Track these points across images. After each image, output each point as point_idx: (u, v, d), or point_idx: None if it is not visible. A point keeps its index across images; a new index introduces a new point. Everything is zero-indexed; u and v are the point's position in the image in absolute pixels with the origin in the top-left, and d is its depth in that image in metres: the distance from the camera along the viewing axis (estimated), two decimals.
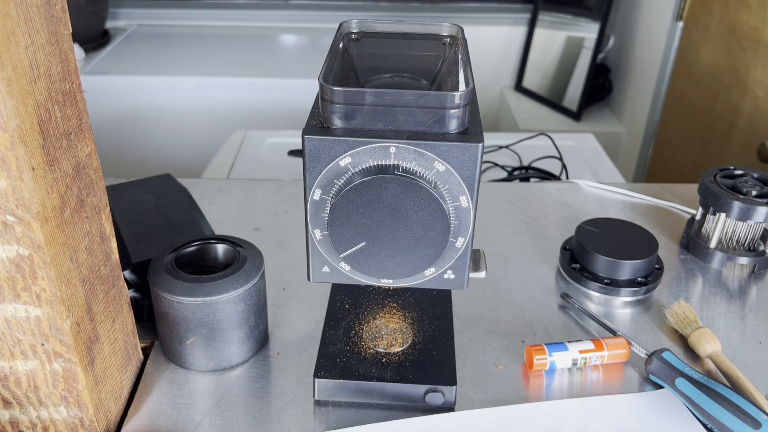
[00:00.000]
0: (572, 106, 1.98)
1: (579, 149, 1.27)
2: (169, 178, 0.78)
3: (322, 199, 0.44)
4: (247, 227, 0.82)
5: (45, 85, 0.40)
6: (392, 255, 0.44)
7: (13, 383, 0.48)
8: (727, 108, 1.49)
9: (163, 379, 0.58)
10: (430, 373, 0.55)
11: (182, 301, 0.54)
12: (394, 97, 0.41)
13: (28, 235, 0.41)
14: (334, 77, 0.46)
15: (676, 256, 0.78)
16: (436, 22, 0.52)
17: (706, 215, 0.76)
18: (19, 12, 0.37)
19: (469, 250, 0.46)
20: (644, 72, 1.84)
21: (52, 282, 0.43)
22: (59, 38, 0.42)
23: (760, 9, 1.37)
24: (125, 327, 0.55)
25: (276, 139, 1.29)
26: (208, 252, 0.61)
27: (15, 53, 0.37)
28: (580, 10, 2.00)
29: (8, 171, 0.38)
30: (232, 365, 0.59)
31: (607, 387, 0.59)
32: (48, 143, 0.41)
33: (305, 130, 0.42)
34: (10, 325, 0.45)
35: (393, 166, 0.42)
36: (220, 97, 1.74)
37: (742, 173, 0.77)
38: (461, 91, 0.41)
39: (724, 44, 1.49)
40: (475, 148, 0.42)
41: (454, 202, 0.44)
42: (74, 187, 0.45)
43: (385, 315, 0.61)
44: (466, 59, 0.47)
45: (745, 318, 0.68)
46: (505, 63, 2.19)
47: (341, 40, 0.51)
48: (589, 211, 0.87)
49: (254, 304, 0.58)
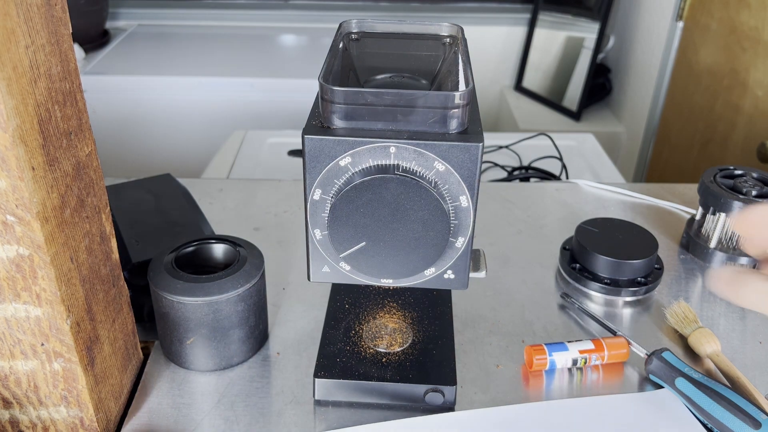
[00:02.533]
0: (572, 106, 1.98)
1: (579, 149, 1.27)
2: (169, 178, 0.78)
3: (322, 199, 0.44)
4: (247, 227, 0.82)
5: (45, 85, 0.40)
6: (392, 255, 0.44)
7: (13, 383, 0.48)
8: (727, 108, 1.49)
9: (163, 378, 0.58)
10: (430, 372, 0.55)
11: (182, 301, 0.54)
12: (394, 97, 0.41)
13: (28, 235, 0.41)
14: (334, 77, 0.46)
15: (676, 256, 0.78)
16: (436, 22, 0.52)
17: (706, 215, 0.76)
18: (19, 12, 0.37)
19: (469, 250, 0.46)
20: (644, 72, 1.84)
21: (52, 282, 0.43)
22: (59, 38, 0.42)
23: (760, 9, 1.37)
24: (125, 327, 0.55)
25: (276, 139, 1.29)
26: (208, 252, 0.61)
27: (15, 53, 0.37)
28: (580, 10, 2.00)
29: (8, 171, 0.38)
30: (232, 365, 0.60)
31: (607, 387, 0.59)
32: (48, 143, 0.41)
33: (305, 129, 0.42)
34: (10, 324, 0.45)
35: (393, 165, 0.42)
36: (220, 97, 1.74)
37: (742, 173, 0.77)
38: (461, 90, 0.41)
39: (724, 44, 1.49)
40: (475, 148, 0.42)
41: (454, 202, 0.44)
42: (74, 186, 0.45)
43: (385, 315, 0.61)
44: (466, 59, 0.47)
45: (744, 318, 0.68)
46: (505, 63, 2.19)
47: (341, 39, 0.51)
48: (589, 211, 0.87)
49: (254, 304, 0.58)
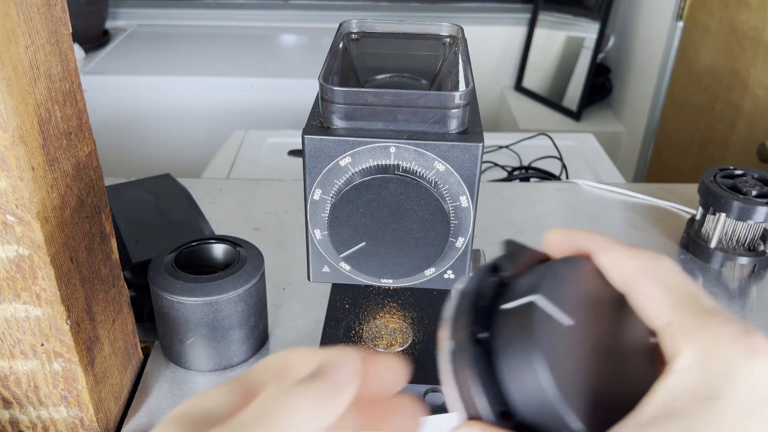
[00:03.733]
0: (572, 106, 1.98)
1: (579, 149, 1.27)
2: (169, 178, 0.78)
3: (322, 199, 0.44)
4: (247, 227, 0.82)
5: (45, 85, 0.40)
6: (392, 255, 0.44)
7: (13, 383, 0.48)
8: (727, 108, 1.49)
9: (163, 379, 0.58)
10: (430, 372, 0.55)
11: (182, 301, 0.54)
12: (394, 97, 0.41)
13: (28, 235, 0.41)
14: (334, 77, 0.46)
15: (676, 256, 0.78)
16: (436, 22, 0.52)
17: (706, 215, 0.76)
18: (19, 12, 0.37)
19: (470, 250, 0.46)
20: (644, 72, 1.84)
21: (52, 282, 0.43)
22: (59, 38, 0.42)
23: (760, 9, 1.37)
24: (125, 327, 0.55)
25: (276, 139, 1.29)
26: (208, 252, 0.61)
27: (15, 53, 0.37)
28: (580, 10, 1.99)
29: (8, 171, 0.38)
30: (233, 365, 0.59)
31: None
32: (48, 143, 0.41)
33: (305, 129, 0.42)
34: (10, 324, 0.45)
35: (393, 165, 0.42)
36: (220, 97, 1.74)
37: (742, 173, 0.77)
38: (461, 90, 0.41)
39: (724, 44, 1.49)
40: (476, 148, 0.42)
41: (454, 202, 0.44)
42: (74, 186, 0.45)
43: (385, 315, 0.61)
44: (466, 59, 0.47)
45: (745, 318, 0.68)
46: (505, 63, 2.19)
47: (341, 40, 0.51)
48: (589, 211, 0.87)
49: (254, 304, 0.58)
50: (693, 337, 0.23)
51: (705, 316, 0.23)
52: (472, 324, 0.25)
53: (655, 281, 0.25)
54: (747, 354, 0.22)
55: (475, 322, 0.25)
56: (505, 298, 0.25)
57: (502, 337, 0.24)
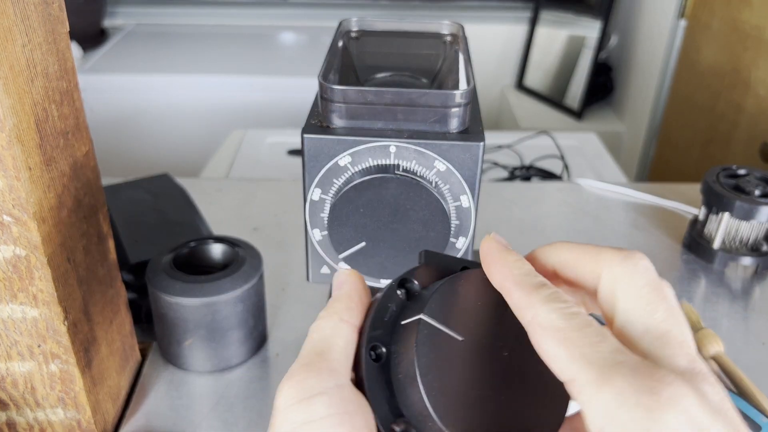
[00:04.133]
0: (574, 105, 1.98)
1: (581, 148, 1.27)
2: (167, 177, 0.78)
3: (321, 199, 0.44)
4: (246, 227, 0.81)
5: (42, 84, 0.40)
6: (392, 255, 0.44)
7: (9, 385, 0.48)
8: (729, 107, 1.48)
9: (161, 380, 0.58)
10: None
11: (180, 302, 0.54)
12: (395, 96, 0.41)
13: (24, 235, 0.40)
14: (334, 76, 0.46)
15: (679, 257, 0.77)
16: (437, 21, 0.52)
17: (708, 215, 0.76)
18: (16, 10, 0.37)
19: (471, 251, 0.46)
20: (646, 71, 1.83)
21: (49, 282, 0.42)
22: (57, 37, 0.42)
23: (763, 8, 1.36)
24: (123, 328, 0.55)
25: (275, 138, 1.29)
26: (207, 252, 0.61)
27: (12, 52, 0.36)
28: (581, 9, 1.99)
29: (5, 170, 0.38)
30: (231, 366, 0.59)
31: None
32: (45, 142, 0.41)
33: (305, 129, 0.42)
34: (7, 326, 0.45)
35: (393, 165, 0.42)
36: (218, 96, 1.74)
37: (745, 173, 0.76)
38: (462, 89, 0.41)
39: (726, 43, 1.49)
40: (477, 148, 0.41)
41: (455, 202, 0.43)
42: (71, 186, 0.45)
43: None
44: (466, 58, 0.47)
45: (748, 319, 0.67)
46: (507, 61, 2.19)
47: (341, 38, 0.51)
48: (590, 211, 0.87)
49: (253, 305, 0.58)
50: (596, 394, 0.21)
51: (605, 369, 0.21)
52: (373, 339, 0.26)
53: (551, 333, 0.23)
54: (655, 410, 0.20)
55: (376, 337, 0.26)
56: (409, 312, 0.26)
57: (395, 353, 0.26)
